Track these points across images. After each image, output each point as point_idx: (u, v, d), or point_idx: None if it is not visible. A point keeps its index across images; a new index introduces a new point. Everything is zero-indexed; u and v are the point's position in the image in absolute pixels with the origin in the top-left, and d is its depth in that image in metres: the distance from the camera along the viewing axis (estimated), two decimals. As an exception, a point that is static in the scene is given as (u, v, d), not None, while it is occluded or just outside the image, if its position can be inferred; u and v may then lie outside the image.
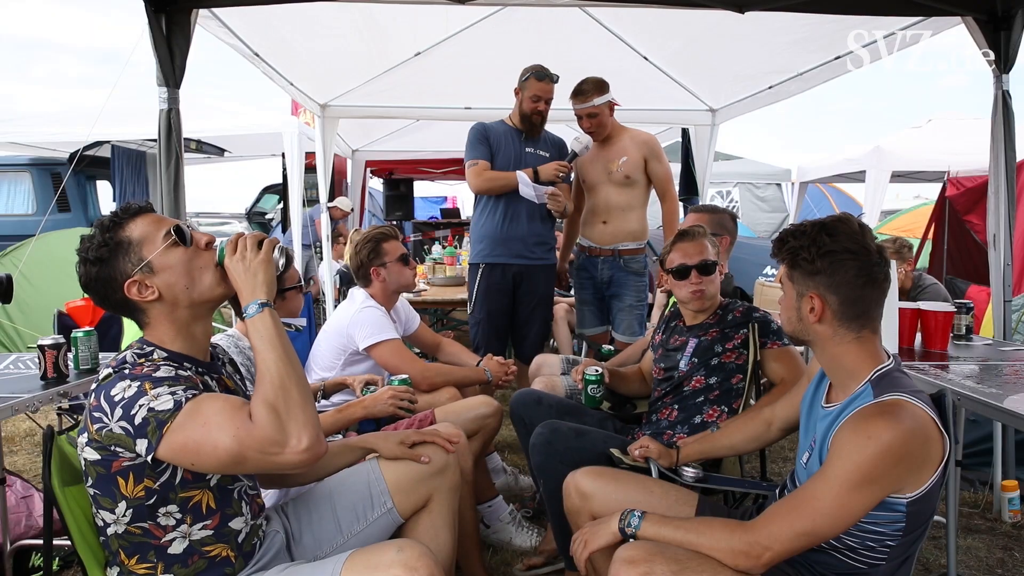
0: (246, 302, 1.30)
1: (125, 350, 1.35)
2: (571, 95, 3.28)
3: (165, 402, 1.19)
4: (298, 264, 5.60)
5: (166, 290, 1.32)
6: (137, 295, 1.31)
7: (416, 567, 1.32)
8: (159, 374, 1.23)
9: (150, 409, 1.18)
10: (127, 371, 1.24)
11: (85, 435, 1.25)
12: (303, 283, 2.41)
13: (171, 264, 1.32)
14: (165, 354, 1.33)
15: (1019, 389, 1.94)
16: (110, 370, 1.27)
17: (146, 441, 1.18)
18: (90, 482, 1.28)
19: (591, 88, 3.24)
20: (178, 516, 1.29)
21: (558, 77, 3.30)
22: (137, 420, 1.18)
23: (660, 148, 3.45)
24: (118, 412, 1.19)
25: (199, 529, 1.32)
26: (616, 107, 3.35)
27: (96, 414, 1.21)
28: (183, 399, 1.20)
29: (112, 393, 1.21)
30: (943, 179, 5.86)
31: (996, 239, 2.94)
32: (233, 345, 2.09)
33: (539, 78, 3.27)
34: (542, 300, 3.45)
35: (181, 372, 1.27)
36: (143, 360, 1.28)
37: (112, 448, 1.22)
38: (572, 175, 3.47)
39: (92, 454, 1.24)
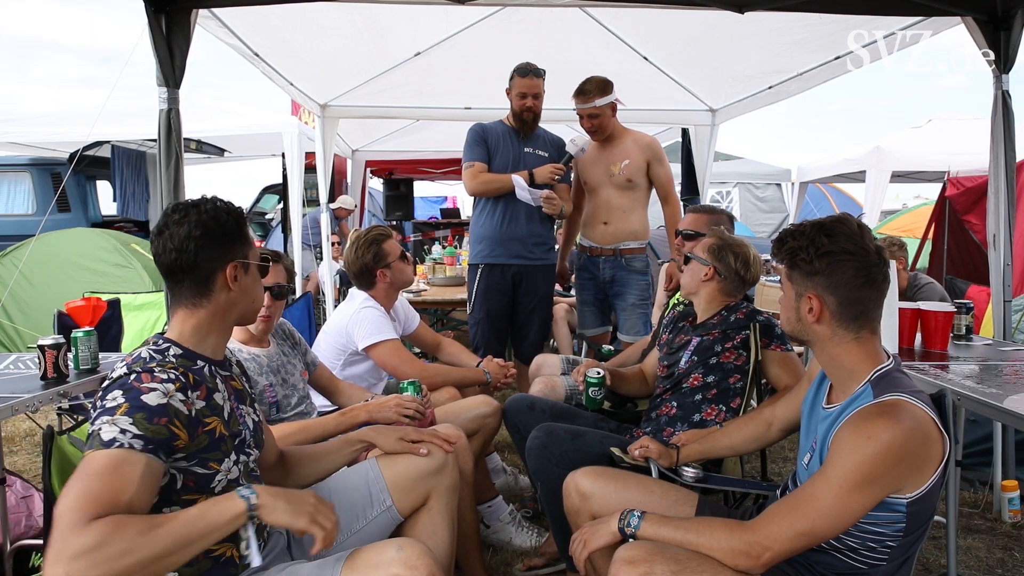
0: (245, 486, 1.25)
1: (141, 346, 1.36)
2: (574, 94, 3.27)
3: (108, 432, 1.16)
4: (299, 264, 5.61)
5: (238, 293, 1.42)
6: (230, 275, 1.40)
7: (416, 565, 1.32)
8: (146, 399, 1.21)
9: (101, 429, 1.17)
10: (132, 377, 1.24)
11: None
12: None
13: (250, 287, 1.46)
14: (180, 351, 1.35)
15: (1019, 389, 1.94)
16: (125, 369, 1.27)
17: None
18: None
19: (594, 88, 3.23)
20: None
21: (543, 71, 3.29)
22: (98, 422, 1.19)
23: (662, 151, 3.44)
24: (101, 418, 1.19)
25: None
26: (619, 107, 3.35)
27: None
28: (124, 443, 1.15)
29: (107, 404, 1.21)
30: (943, 179, 5.86)
31: (996, 239, 2.94)
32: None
33: (522, 74, 3.27)
34: (542, 300, 3.45)
35: (173, 401, 1.24)
36: (153, 363, 1.28)
37: None
38: (572, 175, 3.47)
39: None
